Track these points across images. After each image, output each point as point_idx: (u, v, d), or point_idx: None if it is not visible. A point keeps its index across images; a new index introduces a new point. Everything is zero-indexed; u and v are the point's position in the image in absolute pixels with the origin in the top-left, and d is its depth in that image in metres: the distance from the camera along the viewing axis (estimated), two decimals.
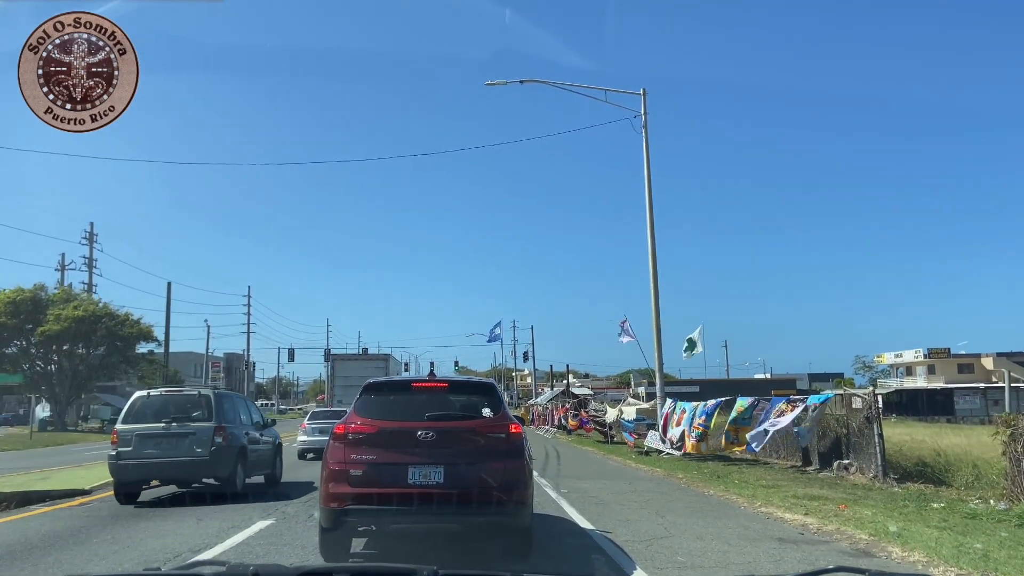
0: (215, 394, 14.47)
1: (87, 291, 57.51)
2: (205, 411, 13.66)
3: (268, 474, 15.69)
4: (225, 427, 13.61)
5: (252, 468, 14.75)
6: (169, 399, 14.14)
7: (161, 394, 14.54)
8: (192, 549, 8.40)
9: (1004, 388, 48.81)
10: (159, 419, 13.48)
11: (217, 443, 13.30)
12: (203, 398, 14.01)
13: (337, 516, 7.25)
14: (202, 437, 13.28)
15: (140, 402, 14.01)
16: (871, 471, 15.40)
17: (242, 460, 13.97)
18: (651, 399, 30.03)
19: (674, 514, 11.03)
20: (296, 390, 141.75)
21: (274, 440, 16.32)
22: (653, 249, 25.12)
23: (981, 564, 7.26)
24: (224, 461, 13.39)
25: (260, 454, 15.24)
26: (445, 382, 8.59)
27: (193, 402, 13.95)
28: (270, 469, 15.74)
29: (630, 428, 27.19)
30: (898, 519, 9.98)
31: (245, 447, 14.25)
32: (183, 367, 75.84)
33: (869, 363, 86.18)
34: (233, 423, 14.17)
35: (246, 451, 14.26)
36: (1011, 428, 11.97)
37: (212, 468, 13.35)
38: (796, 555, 7.97)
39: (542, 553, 7.94)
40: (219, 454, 13.29)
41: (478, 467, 7.27)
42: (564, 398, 56.87)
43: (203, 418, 13.55)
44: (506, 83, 25.56)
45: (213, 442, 13.28)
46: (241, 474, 13.90)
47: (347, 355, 53.47)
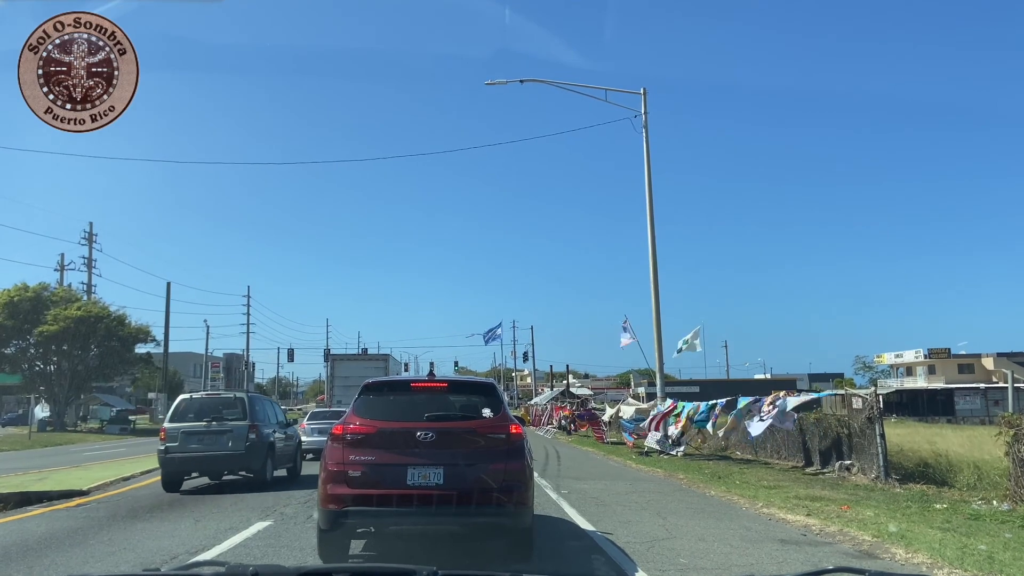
0: (248, 397, 16.41)
1: (87, 291, 57.49)
2: (240, 411, 15.44)
3: (290, 467, 17.46)
4: (257, 425, 15.37)
5: (278, 462, 16.54)
6: (209, 401, 16.10)
7: (202, 397, 16.61)
8: (190, 550, 8.35)
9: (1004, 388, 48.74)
10: (200, 418, 15.29)
11: (251, 440, 15.07)
12: (238, 400, 15.98)
13: (336, 517, 7.20)
14: (238, 434, 15.05)
15: (184, 404, 15.88)
16: (873, 472, 15.36)
17: (271, 455, 15.83)
18: (651, 399, 30.00)
19: (675, 515, 10.98)
20: (296, 390, 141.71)
21: (295, 437, 18.24)
22: (653, 249, 25.10)
23: (986, 566, 7.22)
24: (257, 455, 15.18)
25: (284, 450, 17.00)
26: (444, 382, 8.53)
27: (229, 404, 15.80)
28: (292, 463, 17.53)
29: (630, 428, 27.16)
30: (901, 520, 9.95)
31: (273, 443, 16.04)
32: (182, 367, 75.87)
33: (869, 363, 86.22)
34: (263, 422, 15.89)
35: (274, 447, 16.08)
36: (1014, 429, 11.92)
37: (247, 461, 15.13)
38: (799, 557, 7.92)
39: (542, 554, 7.89)
40: (252, 449, 15.09)
41: (478, 468, 7.22)
42: (564, 398, 56.87)
43: (238, 417, 15.30)
44: (506, 82, 25.56)
45: (247, 439, 15.03)
46: (270, 467, 15.74)
47: (347, 355, 53.65)
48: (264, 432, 15.57)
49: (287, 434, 17.44)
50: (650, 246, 25.10)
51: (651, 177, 25.29)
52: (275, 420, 17.03)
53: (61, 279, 57.15)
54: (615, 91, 25.31)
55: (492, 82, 25.84)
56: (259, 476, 15.23)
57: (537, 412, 56.38)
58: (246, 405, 15.60)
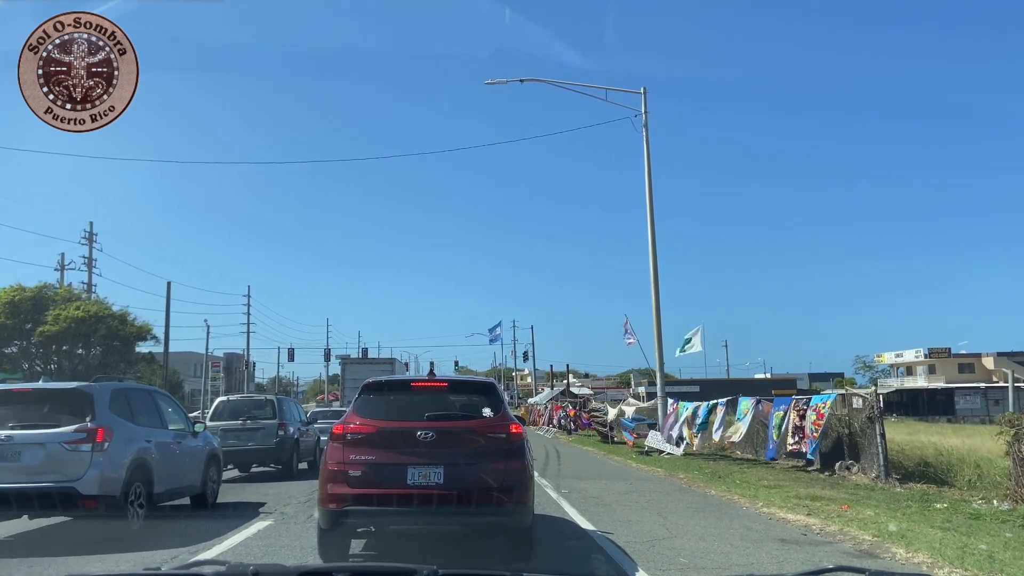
0: (277, 399, 18.96)
1: (87, 291, 57.47)
2: (271, 411, 17.64)
3: (311, 460, 19.08)
4: (286, 423, 17.53)
5: (302, 455, 18.66)
6: (243, 402, 18.72)
7: (237, 399, 19.50)
8: (190, 550, 8.35)
9: (1004, 387, 48.73)
10: (236, 417, 17.48)
11: (280, 436, 17.17)
12: (269, 402, 18.40)
13: (336, 517, 7.20)
14: (269, 431, 17.17)
15: (222, 405, 18.48)
16: (873, 471, 15.36)
17: (296, 449, 18.02)
18: (651, 399, 29.98)
19: (675, 515, 10.98)
20: (296, 390, 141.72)
21: (316, 434, 19.99)
22: (654, 248, 25.08)
23: (986, 565, 7.22)
24: (285, 450, 17.34)
25: (307, 445, 19.18)
26: (445, 382, 8.53)
27: (261, 405, 18.24)
28: (312, 457, 19.14)
29: (630, 428, 27.15)
30: (901, 520, 9.95)
31: (298, 440, 18.27)
32: (183, 367, 75.84)
33: (869, 363, 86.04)
34: (290, 421, 18.05)
35: (299, 443, 18.30)
36: (1015, 428, 11.93)
37: (276, 455, 17.24)
38: (799, 556, 7.92)
39: (543, 554, 7.89)
40: (281, 444, 17.19)
41: (478, 467, 7.22)
42: (564, 398, 56.84)
43: (269, 416, 17.47)
44: (506, 82, 25.49)
45: (277, 435, 17.13)
46: (295, 460, 17.92)
47: (357, 359, 61.24)
48: (291, 429, 17.70)
49: (308, 431, 19.68)
50: (650, 245, 25.08)
51: (651, 177, 25.26)
52: (299, 419, 19.29)
53: (61, 279, 57.12)
54: (615, 90, 25.24)
55: (492, 81, 25.79)
56: (287, 468, 17.35)
57: (537, 412, 56.40)
58: (276, 406, 17.88)
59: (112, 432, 9.19)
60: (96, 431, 9.00)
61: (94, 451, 8.87)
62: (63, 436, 8.90)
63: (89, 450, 8.85)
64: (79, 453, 8.82)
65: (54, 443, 8.83)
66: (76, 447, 8.84)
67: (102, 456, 8.91)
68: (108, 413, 9.39)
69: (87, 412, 9.18)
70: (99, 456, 8.88)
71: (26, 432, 8.89)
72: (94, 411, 9.21)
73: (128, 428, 9.69)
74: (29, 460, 8.75)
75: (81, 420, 9.08)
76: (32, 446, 8.80)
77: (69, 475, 8.70)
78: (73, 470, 8.74)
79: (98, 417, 9.17)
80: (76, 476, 8.69)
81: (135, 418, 10.05)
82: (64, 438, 8.88)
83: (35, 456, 8.77)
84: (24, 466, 8.71)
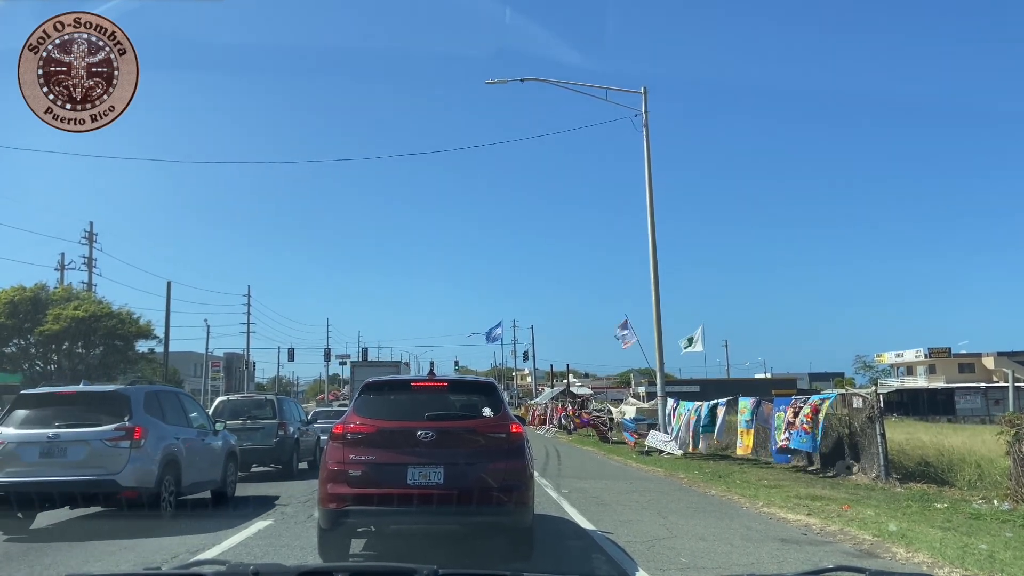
0: (277, 398, 18.89)
1: (87, 291, 57.44)
2: (271, 411, 17.52)
3: (311, 460, 18.91)
4: (286, 423, 17.45)
5: (302, 455, 18.52)
6: (243, 402, 18.68)
7: (238, 398, 19.56)
8: (190, 550, 8.33)
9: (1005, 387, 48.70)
10: (237, 417, 17.16)
11: (280, 435, 17.06)
12: (269, 401, 18.30)
13: (336, 517, 7.20)
14: (269, 431, 17.04)
15: (222, 405, 18.32)
16: (873, 471, 15.36)
17: (296, 449, 17.91)
18: (651, 399, 29.99)
19: (676, 515, 10.98)
20: (296, 390, 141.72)
21: (316, 434, 19.91)
22: (654, 248, 25.08)
23: (987, 565, 7.21)
24: (285, 449, 17.21)
25: (306, 445, 19.07)
26: (445, 381, 8.53)
27: (261, 404, 18.14)
28: (313, 456, 19.00)
29: (630, 428, 27.16)
30: (901, 519, 9.95)
31: (298, 439, 18.12)
32: (183, 367, 75.89)
33: (869, 363, 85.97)
34: (290, 421, 17.96)
35: (299, 442, 18.19)
36: (1015, 428, 11.92)
37: (277, 454, 17.08)
38: (799, 556, 7.92)
39: (543, 554, 7.89)
40: (281, 444, 17.07)
41: (478, 467, 7.21)
42: (564, 398, 56.84)
43: (269, 416, 17.36)
44: (506, 81, 25.49)
45: (277, 435, 17.01)
46: (295, 460, 17.78)
47: (364, 362, 62.22)
48: (291, 429, 17.61)
49: (308, 430, 19.60)
50: (650, 245, 25.09)
51: (651, 176, 25.26)
52: (299, 418, 19.25)
53: (61, 279, 57.09)
54: (615, 90, 25.26)
55: (492, 81, 25.79)
56: (287, 467, 17.25)
57: (537, 411, 56.40)
58: (275, 406, 17.80)
59: (147, 431, 10.07)
60: (134, 429, 9.85)
61: (132, 447, 9.74)
62: (104, 434, 9.73)
63: (128, 446, 9.72)
64: (119, 449, 9.67)
65: (96, 440, 9.67)
66: (116, 444, 9.69)
67: (139, 452, 9.77)
68: (143, 413, 10.21)
69: (125, 412, 9.99)
70: (136, 452, 9.75)
71: (71, 431, 9.71)
72: (131, 411, 10.02)
73: (160, 427, 10.51)
74: (74, 456, 9.59)
75: (119, 420, 9.90)
76: (77, 443, 9.65)
77: (110, 469, 9.55)
78: (113, 464, 9.58)
79: (135, 416, 10.01)
80: (116, 470, 9.55)
81: (165, 418, 10.88)
82: (105, 436, 9.71)
83: (79, 452, 9.62)
84: (70, 461, 9.56)
